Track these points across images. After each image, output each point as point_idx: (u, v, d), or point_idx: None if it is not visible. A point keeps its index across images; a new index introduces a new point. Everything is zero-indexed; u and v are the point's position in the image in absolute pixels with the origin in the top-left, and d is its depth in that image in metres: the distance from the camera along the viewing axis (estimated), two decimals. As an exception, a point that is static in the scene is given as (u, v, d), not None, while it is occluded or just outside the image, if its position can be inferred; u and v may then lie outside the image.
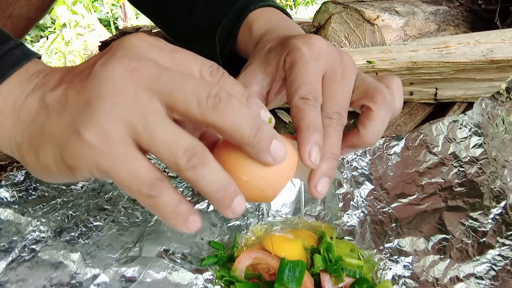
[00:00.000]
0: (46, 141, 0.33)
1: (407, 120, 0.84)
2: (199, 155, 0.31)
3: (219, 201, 0.33)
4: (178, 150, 0.31)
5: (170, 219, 0.33)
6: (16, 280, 0.50)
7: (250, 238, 0.61)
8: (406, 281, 0.53)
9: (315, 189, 0.40)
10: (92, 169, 0.32)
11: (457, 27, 1.14)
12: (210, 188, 0.32)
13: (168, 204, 0.32)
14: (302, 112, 0.40)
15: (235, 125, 0.32)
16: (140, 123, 0.31)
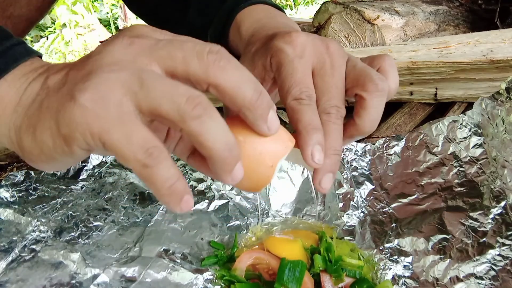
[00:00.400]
0: (42, 115, 0.32)
1: (407, 120, 0.84)
2: (204, 104, 0.29)
3: (223, 162, 0.31)
4: (180, 98, 0.29)
5: (165, 195, 0.30)
6: (16, 280, 0.50)
7: (250, 238, 0.61)
8: (406, 281, 0.53)
9: (319, 185, 0.40)
10: (86, 135, 0.30)
11: (457, 27, 1.14)
12: (216, 144, 0.30)
13: (165, 178, 0.29)
14: (298, 114, 0.40)
15: (237, 84, 0.31)
16: (137, 82, 0.29)
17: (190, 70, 0.31)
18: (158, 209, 0.61)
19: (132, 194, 0.64)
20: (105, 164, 0.68)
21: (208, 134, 0.29)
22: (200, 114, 0.29)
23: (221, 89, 0.31)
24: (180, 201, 0.30)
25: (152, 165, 0.29)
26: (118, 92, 0.29)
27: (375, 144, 0.68)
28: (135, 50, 0.31)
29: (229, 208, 0.64)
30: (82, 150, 0.31)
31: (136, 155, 0.29)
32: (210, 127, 0.29)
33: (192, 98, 0.29)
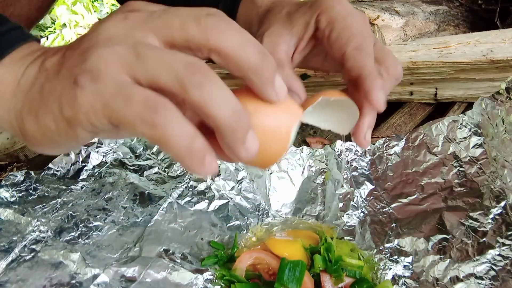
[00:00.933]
0: (44, 100, 0.31)
1: (407, 120, 0.84)
2: (204, 71, 0.27)
3: (232, 131, 0.28)
4: (178, 66, 0.27)
5: (185, 156, 0.27)
6: (16, 280, 0.50)
7: (250, 238, 0.61)
8: (406, 281, 0.53)
9: (364, 139, 0.42)
10: (89, 115, 0.29)
11: (457, 27, 1.14)
12: (222, 111, 0.27)
13: (180, 136, 0.27)
14: (360, 62, 0.41)
15: (240, 46, 0.29)
16: (133, 54, 0.28)
17: (188, 36, 0.29)
18: (158, 209, 0.61)
19: (132, 194, 0.64)
20: (105, 164, 0.68)
21: (211, 100, 0.27)
22: (200, 80, 0.27)
23: (224, 53, 0.29)
24: (203, 161, 0.27)
25: (161, 123, 0.27)
26: (115, 66, 0.28)
27: (375, 144, 0.68)
28: (130, 24, 0.30)
29: (229, 208, 0.64)
30: (86, 132, 0.31)
31: (141, 115, 0.27)
32: (213, 93, 0.27)
33: (191, 64, 0.27)
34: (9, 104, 0.34)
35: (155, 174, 0.68)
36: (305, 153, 0.69)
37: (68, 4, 1.84)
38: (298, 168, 0.68)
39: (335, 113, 0.46)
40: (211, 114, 0.27)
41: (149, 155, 0.71)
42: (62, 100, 0.30)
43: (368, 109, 0.42)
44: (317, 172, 0.68)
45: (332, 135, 0.83)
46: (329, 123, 0.45)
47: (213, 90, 0.27)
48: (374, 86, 0.40)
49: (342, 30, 0.43)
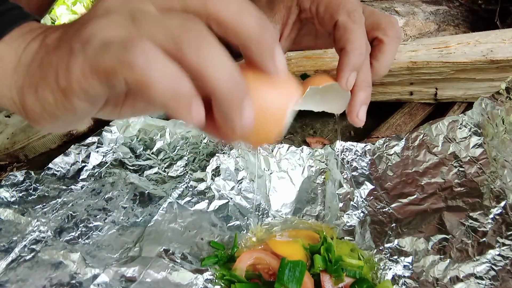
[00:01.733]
0: (44, 73, 0.31)
1: (407, 120, 0.84)
2: (202, 32, 0.26)
3: (229, 97, 0.27)
4: (174, 26, 0.26)
5: (169, 101, 0.26)
6: (16, 280, 0.50)
7: (250, 238, 0.61)
8: (406, 281, 0.53)
9: (357, 117, 0.42)
10: (81, 81, 0.28)
11: (457, 27, 1.14)
12: (220, 77, 0.26)
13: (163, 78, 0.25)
14: (349, 33, 0.41)
15: (240, 15, 0.28)
16: (129, 21, 0.27)
17: (187, 5, 0.28)
18: (158, 209, 0.61)
19: (132, 194, 0.64)
20: (105, 164, 0.68)
21: (208, 62, 0.26)
22: (197, 41, 0.26)
23: (222, 21, 0.28)
24: (190, 107, 0.26)
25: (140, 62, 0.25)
26: (109, 31, 0.27)
27: (375, 144, 0.68)
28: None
29: (229, 208, 0.64)
30: (82, 102, 0.30)
31: (118, 56, 0.25)
32: (210, 54, 0.26)
33: (188, 24, 0.26)
34: (10, 80, 0.34)
35: (155, 174, 0.68)
36: (305, 153, 0.69)
37: (68, 4, 1.84)
38: (298, 168, 0.68)
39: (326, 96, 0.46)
40: (208, 77, 0.26)
41: (149, 155, 0.71)
42: (58, 71, 0.30)
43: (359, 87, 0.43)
44: (317, 172, 0.68)
45: (332, 135, 0.83)
46: (321, 106, 0.45)
47: (211, 52, 0.26)
48: (347, 65, 0.41)
49: (328, 1, 0.44)
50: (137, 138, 0.73)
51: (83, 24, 0.30)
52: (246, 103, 0.27)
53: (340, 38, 0.42)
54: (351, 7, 0.43)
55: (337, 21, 0.42)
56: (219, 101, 0.27)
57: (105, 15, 0.29)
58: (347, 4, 0.43)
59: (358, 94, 0.42)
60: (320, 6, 0.44)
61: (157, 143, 0.72)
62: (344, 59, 0.41)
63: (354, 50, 0.41)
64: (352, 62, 0.41)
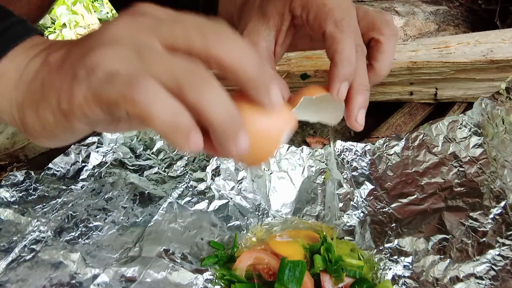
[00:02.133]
0: (45, 93, 0.32)
1: (407, 120, 0.84)
2: (203, 76, 0.28)
3: (225, 129, 0.29)
4: (177, 69, 0.28)
5: (169, 133, 0.28)
6: (16, 280, 0.50)
7: (250, 238, 0.61)
8: (406, 281, 0.53)
9: (355, 121, 0.42)
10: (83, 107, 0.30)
11: (457, 27, 1.14)
12: (216, 111, 0.28)
13: (163, 112, 0.27)
14: (337, 44, 0.41)
15: (239, 59, 0.30)
16: (135, 57, 0.29)
17: (191, 46, 0.30)
18: (158, 209, 0.61)
19: (132, 194, 0.64)
20: (105, 164, 0.68)
21: (207, 101, 0.28)
22: (197, 83, 0.28)
23: (223, 64, 0.30)
24: (188, 137, 0.28)
25: (143, 99, 0.27)
26: (115, 65, 0.29)
27: (375, 144, 0.68)
28: (136, 28, 0.31)
29: (229, 208, 0.64)
30: (82, 124, 0.31)
31: (122, 92, 0.27)
32: (208, 95, 0.28)
33: (190, 67, 0.29)
34: (11, 96, 0.34)
35: (155, 174, 0.68)
36: (305, 153, 0.69)
37: (68, 4, 1.84)
38: (298, 168, 0.68)
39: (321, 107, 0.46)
40: (206, 115, 0.28)
41: (149, 155, 0.71)
42: (60, 94, 0.31)
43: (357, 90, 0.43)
44: (317, 172, 0.68)
45: (332, 135, 0.83)
46: (316, 116, 0.45)
47: (209, 93, 0.28)
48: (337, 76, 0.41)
49: (318, 9, 0.43)
50: (137, 138, 0.73)
51: (89, 49, 0.30)
52: (240, 134, 0.30)
53: (329, 48, 0.42)
54: (338, 16, 0.42)
55: (324, 31, 0.43)
56: (216, 134, 0.30)
57: (112, 45, 0.30)
58: (335, 13, 0.43)
59: (356, 98, 0.42)
60: (310, 14, 0.44)
61: (157, 143, 0.72)
62: (334, 70, 0.42)
63: (342, 60, 0.41)
64: (341, 72, 0.41)
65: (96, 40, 0.31)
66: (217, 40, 0.30)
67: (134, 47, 0.29)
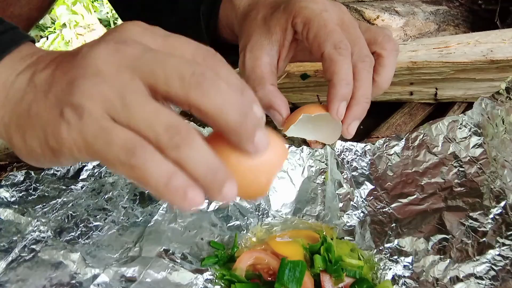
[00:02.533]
0: (32, 123, 0.32)
1: (407, 120, 0.84)
2: (183, 134, 0.29)
3: (208, 185, 0.30)
4: (158, 128, 0.29)
5: (165, 194, 0.29)
6: (16, 280, 0.50)
7: (250, 238, 0.61)
8: (406, 281, 0.53)
9: (347, 130, 0.43)
10: (72, 150, 0.30)
11: (457, 27, 1.14)
12: (198, 171, 0.29)
13: (157, 176, 0.29)
14: (335, 65, 0.42)
15: (220, 108, 0.29)
16: (119, 101, 0.29)
17: (171, 92, 0.30)
18: (158, 209, 0.61)
19: (132, 194, 0.64)
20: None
21: (188, 162, 0.29)
22: (178, 144, 0.29)
23: (203, 113, 0.30)
24: (184, 197, 0.29)
25: (139, 164, 0.28)
26: (99, 109, 0.29)
27: (375, 144, 0.68)
28: (119, 61, 0.30)
29: (229, 208, 0.64)
30: (69, 161, 0.32)
31: (120, 158, 0.29)
32: (189, 156, 0.29)
33: (171, 127, 0.29)
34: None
35: (155, 174, 0.68)
36: (305, 153, 0.69)
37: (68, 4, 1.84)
38: (298, 168, 0.68)
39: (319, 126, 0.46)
40: (188, 171, 0.29)
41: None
42: (47, 130, 0.31)
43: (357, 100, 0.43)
44: (317, 172, 0.68)
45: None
46: (314, 135, 0.46)
47: (190, 152, 0.29)
48: (336, 96, 0.42)
49: (318, 29, 0.44)
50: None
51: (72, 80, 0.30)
52: (226, 186, 0.30)
53: (327, 69, 0.43)
54: (337, 38, 0.43)
55: (323, 52, 0.43)
56: (201, 187, 0.30)
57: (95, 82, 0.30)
58: (334, 35, 0.43)
59: (354, 108, 0.43)
60: (310, 32, 0.45)
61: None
62: (332, 91, 0.43)
63: (340, 81, 0.42)
64: (340, 93, 0.42)
65: (78, 71, 0.31)
66: (198, 84, 0.29)
67: (118, 89, 0.29)
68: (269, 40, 0.47)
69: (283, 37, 0.47)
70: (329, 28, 0.44)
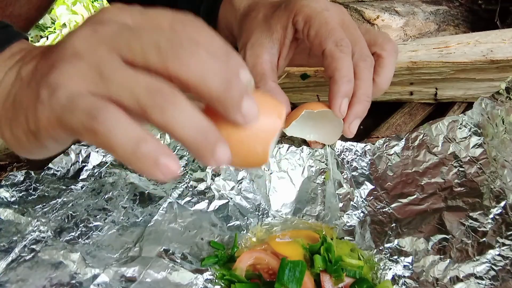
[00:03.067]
0: (16, 112, 0.32)
1: (407, 120, 0.84)
2: (167, 94, 0.27)
3: (199, 148, 0.28)
4: (139, 90, 0.27)
5: (133, 161, 0.27)
6: (16, 280, 0.50)
7: (250, 238, 0.61)
8: (406, 281, 0.53)
9: (348, 129, 0.44)
10: (48, 130, 0.30)
11: (457, 27, 1.14)
12: (186, 133, 0.27)
13: (123, 141, 0.27)
14: (337, 62, 0.42)
15: (201, 76, 0.28)
16: (96, 76, 0.28)
17: (149, 64, 0.28)
18: (158, 209, 0.61)
19: (132, 194, 0.64)
20: (105, 164, 0.68)
21: (174, 123, 0.27)
22: (161, 104, 0.27)
23: (184, 83, 0.28)
24: (156, 165, 0.27)
25: (102, 129, 0.26)
26: (77, 86, 0.28)
27: (375, 144, 0.68)
28: (96, 39, 0.29)
29: (229, 208, 0.64)
30: (50, 143, 0.32)
31: (83, 122, 0.27)
32: (175, 117, 0.27)
33: (152, 88, 0.27)
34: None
35: (155, 174, 0.68)
36: (305, 153, 0.69)
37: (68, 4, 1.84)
38: (298, 168, 0.68)
39: (320, 125, 0.46)
40: (176, 135, 0.27)
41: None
42: (27, 114, 0.31)
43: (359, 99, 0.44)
44: (317, 172, 0.68)
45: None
46: (314, 134, 0.46)
47: (175, 112, 0.27)
48: (338, 93, 0.42)
49: (319, 27, 0.45)
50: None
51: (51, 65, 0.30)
52: (217, 148, 0.28)
53: (328, 66, 0.43)
54: (339, 36, 0.44)
55: (324, 49, 0.44)
56: (191, 151, 0.29)
57: (72, 61, 0.29)
58: (336, 33, 0.44)
59: (356, 106, 0.43)
60: (311, 30, 0.45)
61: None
62: (334, 87, 0.43)
63: (342, 78, 0.42)
64: (342, 89, 0.42)
65: (58, 54, 0.30)
66: (176, 56, 0.28)
67: (94, 64, 0.28)
68: (270, 38, 0.47)
69: (283, 35, 0.47)
70: (331, 26, 0.44)
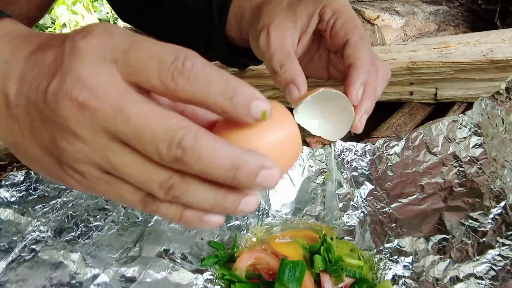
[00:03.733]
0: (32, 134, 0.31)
1: (407, 120, 0.84)
2: (177, 185, 0.29)
3: (223, 212, 0.31)
4: (152, 186, 0.29)
5: (183, 224, 0.32)
6: (16, 280, 0.50)
7: (250, 238, 0.61)
8: (406, 281, 0.53)
9: (358, 122, 0.45)
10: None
11: (457, 27, 1.14)
12: (205, 208, 0.30)
13: (171, 216, 0.31)
14: (360, 51, 0.45)
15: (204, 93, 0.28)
16: (106, 164, 0.29)
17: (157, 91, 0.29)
18: (158, 209, 0.61)
19: (132, 194, 0.64)
20: (105, 164, 0.68)
21: (192, 205, 0.30)
22: (175, 195, 0.29)
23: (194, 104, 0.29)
24: (200, 223, 0.31)
25: (153, 211, 0.31)
26: (93, 171, 0.30)
27: (375, 144, 0.68)
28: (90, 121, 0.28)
29: (229, 208, 0.64)
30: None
31: (137, 208, 0.32)
32: (190, 201, 0.30)
33: (164, 183, 0.29)
34: None
35: (155, 174, 0.68)
36: (305, 153, 0.69)
37: (68, 4, 1.84)
38: (298, 168, 0.68)
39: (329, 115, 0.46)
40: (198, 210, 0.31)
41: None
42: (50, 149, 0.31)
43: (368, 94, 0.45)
44: (317, 172, 0.68)
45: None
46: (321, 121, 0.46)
47: (189, 198, 0.30)
48: (357, 80, 0.44)
49: (347, 20, 0.48)
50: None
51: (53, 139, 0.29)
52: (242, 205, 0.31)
53: (350, 54, 0.46)
54: (362, 32, 0.48)
55: (349, 39, 0.47)
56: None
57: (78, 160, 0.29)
58: (360, 28, 0.48)
59: (366, 101, 0.45)
60: (338, 21, 0.48)
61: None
62: (354, 73, 0.45)
63: (363, 66, 0.45)
64: (361, 76, 0.44)
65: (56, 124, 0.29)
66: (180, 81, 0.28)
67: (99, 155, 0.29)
68: (293, 23, 0.49)
69: (307, 23, 0.49)
70: (356, 22, 0.48)
